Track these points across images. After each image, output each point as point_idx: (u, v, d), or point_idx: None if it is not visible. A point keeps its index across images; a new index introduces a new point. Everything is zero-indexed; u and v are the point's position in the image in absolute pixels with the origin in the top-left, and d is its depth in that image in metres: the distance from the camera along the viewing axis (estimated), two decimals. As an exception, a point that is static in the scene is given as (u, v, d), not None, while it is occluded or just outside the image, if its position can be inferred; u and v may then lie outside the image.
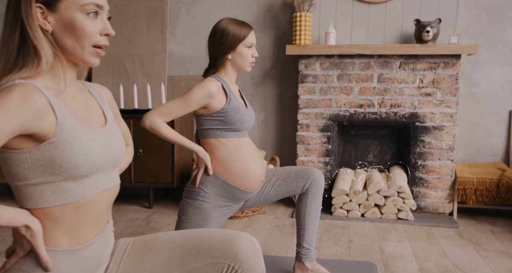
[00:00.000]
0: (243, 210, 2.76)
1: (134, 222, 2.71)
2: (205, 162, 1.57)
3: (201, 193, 1.57)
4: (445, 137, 2.77)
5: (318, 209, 1.75)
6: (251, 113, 1.66)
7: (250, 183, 1.60)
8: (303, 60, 2.91)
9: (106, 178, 0.89)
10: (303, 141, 2.96)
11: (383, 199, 2.72)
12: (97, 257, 0.90)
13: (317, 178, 1.72)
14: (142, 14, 3.29)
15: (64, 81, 0.86)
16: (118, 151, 0.91)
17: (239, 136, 1.60)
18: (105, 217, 0.92)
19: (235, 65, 1.62)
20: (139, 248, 0.96)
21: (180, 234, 0.96)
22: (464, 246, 2.28)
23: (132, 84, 3.26)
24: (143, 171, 2.98)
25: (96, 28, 0.85)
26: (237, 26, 1.58)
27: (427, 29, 2.63)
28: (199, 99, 1.53)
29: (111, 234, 0.97)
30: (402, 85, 2.80)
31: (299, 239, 1.77)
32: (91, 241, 0.87)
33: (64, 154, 0.79)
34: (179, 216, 1.60)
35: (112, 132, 0.92)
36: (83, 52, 0.84)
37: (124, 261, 0.94)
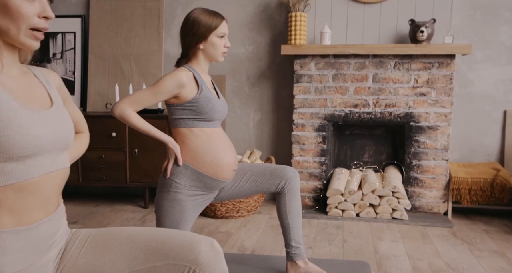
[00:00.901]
0: (238, 210, 2.77)
1: (129, 222, 2.71)
2: (175, 153, 1.57)
3: (173, 184, 1.57)
4: (439, 137, 2.78)
5: (298, 207, 1.77)
6: (223, 103, 1.67)
7: (222, 172, 1.60)
8: (298, 60, 2.91)
9: (53, 160, 0.89)
10: (298, 141, 2.97)
11: (378, 199, 2.72)
12: (47, 239, 0.90)
13: (291, 177, 1.73)
14: (138, 14, 3.29)
15: (1, 62, 0.85)
16: (64, 134, 0.91)
17: (210, 126, 1.61)
18: (54, 200, 0.92)
19: (207, 55, 1.62)
20: (101, 239, 0.96)
21: (144, 231, 0.97)
22: (457, 245, 2.28)
23: (128, 84, 3.26)
24: (139, 171, 2.98)
25: (33, 10, 0.83)
26: (209, 16, 1.59)
27: (422, 29, 2.64)
28: (170, 88, 1.54)
29: (62, 217, 0.97)
30: (397, 85, 2.81)
31: (286, 239, 1.78)
32: (39, 222, 0.87)
33: (2, 134, 0.78)
34: (156, 213, 1.60)
35: (58, 115, 0.92)
36: (18, 34, 0.83)
37: (84, 249, 0.95)
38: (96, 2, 3.33)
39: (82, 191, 3.52)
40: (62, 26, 3.38)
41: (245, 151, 3.24)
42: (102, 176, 3.02)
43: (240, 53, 3.23)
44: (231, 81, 3.26)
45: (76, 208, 3.04)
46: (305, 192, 2.99)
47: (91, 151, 3.01)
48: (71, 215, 2.88)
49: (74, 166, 3.03)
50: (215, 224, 2.67)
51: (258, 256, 2.11)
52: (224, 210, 2.76)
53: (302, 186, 2.99)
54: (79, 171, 3.04)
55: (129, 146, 2.98)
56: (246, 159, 3.02)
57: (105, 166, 3.01)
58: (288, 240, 1.78)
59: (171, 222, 1.57)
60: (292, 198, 1.75)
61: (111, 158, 3.00)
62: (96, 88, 3.33)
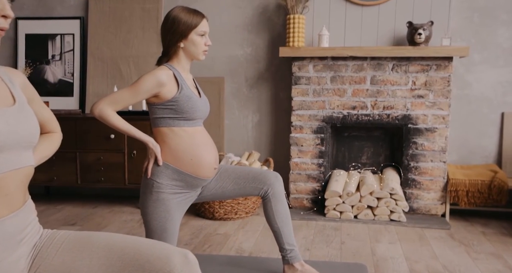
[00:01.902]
0: (236, 212, 2.77)
1: (128, 224, 2.72)
2: (155, 153, 1.57)
3: (155, 184, 1.57)
4: (437, 139, 2.78)
5: (285, 210, 1.77)
6: (204, 102, 1.66)
7: (202, 170, 1.61)
8: (297, 62, 2.92)
9: (16, 158, 0.88)
10: (296, 143, 2.97)
11: (376, 201, 2.73)
12: (15, 235, 0.90)
13: (273, 183, 1.73)
14: (137, 15, 3.30)
15: None
16: (28, 131, 0.91)
17: (191, 125, 1.61)
18: (19, 197, 0.92)
19: (187, 53, 1.62)
20: (79, 241, 0.97)
21: (123, 239, 0.98)
22: (455, 247, 2.29)
23: (127, 85, 3.26)
24: (137, 172, 2.98)
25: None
26: (189, 14, 1.59)
27: (419, 31, 2.64)
28: (149, 87, 1.53)
29: (30, 214, 0.97)
30: (394, 87, 2.81)
31: (279, 243, 1.78)
32: (4, 218, 0.87)
33: None
34: (142, 215, 1.60)
35: (21, 113, 0.91)
36: None
37: (62, 250, 0.95)
38: (95, 4, 3.34)
39: (81, 192, 3.52)
40: (61, 27, 3.38)
41: (243, 152, 3.24)
42: (100, 178, 3.03)
43: (239, 55, 3.23)
44: (229, 82, 3.27)
45: (75, 210, 3.04)
46: (303, 193, 3.00)
47: (90, 152, 3.02)
48: (70, 216, 2.89)
49: (73, 167, 3.04)
50: (213, 226, 2.67)
51: (255, 259, 2.11)
52: (223, 212, 2.77)
53: (300, 187, 3.00)
54: (78, 173, 3.05)
55: (127, 147, 2.98)
56: (244, 161, 3.02)
57: (104, 168, 3.01)
58: (281, 244, 1.78)
59: (158, 223, 1.57)
60: (277, 202, 1.75)
61: (110, 159, 3.01)
62: (95, 89, 3.34)
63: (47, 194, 3.50)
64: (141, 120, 2.85)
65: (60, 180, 3.08)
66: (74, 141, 3.01)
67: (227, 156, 3.10)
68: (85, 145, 3.01)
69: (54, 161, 2.98)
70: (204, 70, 3.26)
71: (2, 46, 3.45)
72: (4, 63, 3.46)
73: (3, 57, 3.46)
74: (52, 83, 3.40)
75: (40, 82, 3.39)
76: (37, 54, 3.41)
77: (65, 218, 2.86)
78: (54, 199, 3.35)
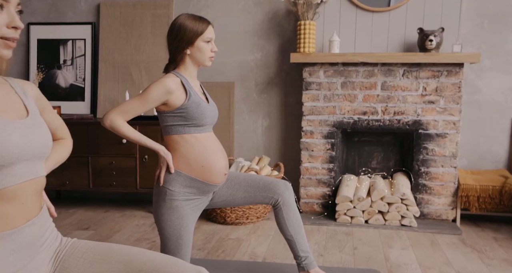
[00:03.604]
0: (247, 217, 2.79)
1: (140, 228, 2.74)
2: (167, 161, 1.59)
3: (168, 192, 1.59)
4: (448, 145, 2.79)
5: (297, 218, 1.78)
6: (213, 108, 1.68)
7: (213, 176, 1.63)
8: (307, 67, 2.94)
9: (30, 169, 0.91)
10: (307, 148, 2.99)
11: (387, 206, 2.74)
12: (34, 242, 0.93)
13: (283, 192, 1.75)
14: (148, 21, 3.33)
15: None
16: (41, 142, 0.93)
17: (201, 132, 1.63)
18: (35, 205, 0.94)
19: (194, 60, 1.64)
20: (100, 253, 0.99)
21: (140, 253, 1.00)
22: (467, 253, 2.30)
23: (138, 91, 3.29)
24: (149, 177, 3.00)
25: (1, 21, 0.85)
26: (195, 21, 1.61)
27: (430, 38, 2.66)
28: (158, 95, 1.55)
29: (46, 220, 0.99)
30: (405, 93, 2.83)
31: (294, 251, 1.80)
32: (23, 225, 0.89)
33: None
34: (157, 222, 1.62)
35: (34, 124, 0.94)
36: None
37: (83, 260, 0.98)
38: (106, 10, 3.37)
39: (92, 196, 3.55)
40: (72, 33, 3.42)
41: (253, 157, 3.26)
42: (112, 182, 3.05)
43: (249, 60, 3.26)
44: (239, 87, 3.29)
45: (87, 214, 3.06)
46: (314, 198, 3.02)
47: (102, 157, 3.04)
48: (82, 220, 2.91)
49: (85, 172, 3.07)
50: (225, 230, 2.69)
51: (270, 264, 2.13)
52: (234, 217, 2.78)
53: (311, 192, 3.02)
54: (90, 177, 3.07)
55: (139, 152, 3.01)
56: (254, 165, 3.04)
57: (116, 172, 3.04)
58: (296, 251, 1.79)
59: (173, 230, 1.59)
60: (288, 211, 1.76)
61: (121, 164, 3.03)
62: (106, 94, 3.36)
63: (58, 198, 3.53)
64: (149, 125, 2.88)
65: (72, 184, 3.10)
66: (86, 146, 3.04)
67: (237, 160, 3.11)
68: (97, 150, 3.03)
69: (66, 166, 3.01)
70: (214, 75, 3.28)
71: (14, 51, 3.48)
72: (16, 68, 3.50)
73: (16, 62, 3.50)
74: (63, 88, 3.43)
75: (51, 86, 3.42)
76: (48, 59, 3.44)
77: (78, 222, 2.88)
78: (65, 203, 3.37)
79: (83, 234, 2.62)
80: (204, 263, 2.04)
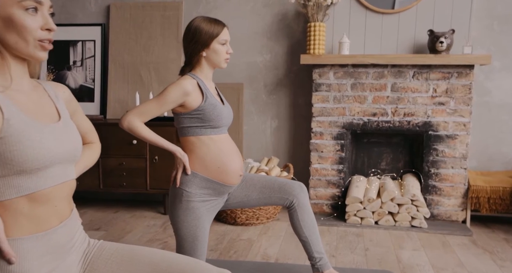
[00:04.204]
0: (258, 217, 2.80)
1: (151, 229, 2.75)
2: (183, 162, 1.60)
3: (184, 193, 1.60)
4: (458, 146, 2.80)
5: (312, 219, 1.79)
6: (228, 109, 1.70)
7: (229, 178, 1.64)
8: (317, 69, 2.95)
9: (62, 172, 0.92)
10: (316, 149, 3.00)
11: (397, 207, 2.75)
12: (65, 243, 0.94)
13: (298, 193, 1.76)
14: (157, 22, 3.34)
15: (10, 76, 0.88)
16: (72, 146, 0.94)
17: (218, 133, 1.64)
18: (66, 207, 0.95)
19: (210, 62, 1.65)
20: (126, 255, 1.01)
21: (167, 257, 1.01)
22: (479, 255, 2.31)
23: (147, 92, 3.30)
24: (159, 177, 3.02)
25: (36, 23, 0.86)
26: (210, 23, 1.62)
27: (441, 39, 2.67)
28: (175, 97, 1.57)
29: (76, 222, 1.01)
30: (415, 94, 2.84)
31: (308, 252, 1.81)
32: (56, 227, 0.91)
33: (14, 148, 0.81)
34: (173, 224, 1.63)
35: (66, 128, 0.95)
36: (27, 46, 0.86)
37: (110, 263, 0.99)
38: (116, 11, 3.38)
39: (102, 197, 3.56)
40: (82, 34, 3.43)
41: (262, 158, 3.27)
42: (122, 183, 3.07)
43: (258, 61, 3.27)
44: (248, 88, 3.30)
45: (97, 214, 3.08)
46: (323, 199, 3.03)
47: (112, 158, 3.06)
48: (93, 221, 2.93)
49: (95, 172, 3.08)
50: (235, 231, 2.70)
51: (283, 265, 2.14)
52: (244, 217, 2.80)
53: (320, 193, 3.02)
54: (100, 178, 3.09)
55: (149, 153, 3.02)
56: (264, 166, 3.05)
57: (126, 173, 3.05)
58: (310, 252, 1.81)
59: (189, 231, 1.61)
60: (303, 212, 1.78)
61: (132, 165, 3.04)
62: (116, 95, 3.38)
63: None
64: (163, 126, 2.89)
65: (82, 185, 3.12)
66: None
67: (247, 161, 3.13)
68: (107, 151, 3.05)
69: (77, 167, 3.02)
70: (223, 76, 3.29)
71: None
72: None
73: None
74: (73, 89, 3.45)
75: (61, 88, 3.43)
76: (58, 60, 3.46)
77: (89, 223, 2.89)
78: (76, 203, 3.36)
79: (95, 234, 2.63)
80: (217, 264, 2.05)
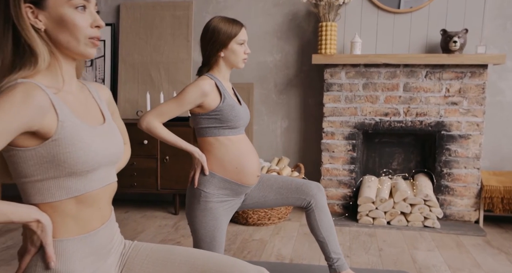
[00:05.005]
0: (269, 218, 2.80)
1: (163, 229, 2.75)
2: (201, 163, 1.60)
3: (202, 194, 1.60)
4: (471, 146, 2.79)
5: (329, 220, 1.79)
6: (245, 109, 1.69)
7: (246, 178, 1.64)
8: (329, 69, 2.94)
9: (108, 174, 0.93)
10: (328, 149, 2.99)
11: (410, 207, 2.74)
12: (107, 244, 0.95)
13: (315, 194, 1.75)
14: (167, 22, 3.34)
15: (62, 78, 0.88)
16: (117, 148, 0.95)
17: (235, 133, 1.64)
18: (108, 209, 0.96)
19: (228, 62, 1.65)
20: (162, 255, 1.01)
21: (201, 255, 1.01)
22: (495, 255, 2.30)
23: (157, 92, 3.30)
24: (170, 177, 3.01)
25: (86, 21, 0.86)
26: (228, 24, 1.62)
27: (455, 39, 2.65)
28: (193, 98, 1.56)
29: (115, 223, 1.02)
30: (428, 94, 2.83)
31: (325, 252, 1.80)
32: (98, 229, 0.92)
33: (67, 150, 0.82)
34: (190, 224, 1.63)
35: (110, 130, 0.95)
36: (78, 45, 0.86)
37: (146, 263, 0.99)
38: (126, 11, 3.38)
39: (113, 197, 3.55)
40: (92, 34, 3.43)
41: (272, 158, 3.27)
42: (133, 183, 3.06)
43: (268, 61, 3.26)
44: (258, 88, 3.29)
45: (108, 214, 3.08)
46: (335, 199, 3.02)
47: (123, 158, 3.05)
48: (104, 221, 2.93)
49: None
50: (247, 231, 2.70)
51: (298, 265, 2.13)
52: (256, 218, 2.79)
53: (332, 193, 3.02)
54: (111, 178, 3.08)
55: (160, 153, 3.02)
56: (274, 166, 3.04)
57: (137, 173, 3.05)
58: (328, 253, 1.80)
59: (207, 231, 1.60)
60: (320, 213, 1.77)
61: (143, 165, 3.04)
62: (126, 95, 3.38)
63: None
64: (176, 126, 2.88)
65: (93, 185, 3.11)
66: (107, 147, 3.05)
67: (258, 161, 3.12)
68: (118, 151, 3.04)
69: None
70: (233, 76, 3.29)
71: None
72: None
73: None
74: (83, 89, 3.45)
75: (71, 88, 3.43)
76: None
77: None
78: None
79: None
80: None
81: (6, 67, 0.82)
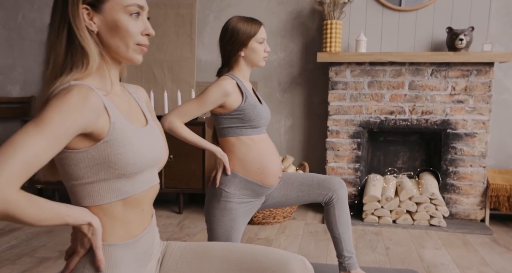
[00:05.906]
0: (274, 216, 2.78)
1: (167, 228, 2.73)
2: (223, 162, 1.59)
3: (223, 194, 1.59)
4: (477, 144, 2.78)
5: (347, 217, 1.77)
6: (266, 109, 1.68)
7: (268, 179, 1.62)
8: (334, 67, 2.93)
9: (152, 176, 0.93)
10: (333, 148, 2.98)
11: (415, 206, 2.73)
12: (148, 249, 0.94)
13: (338, 189, 1.74)
14: (171, 20, 3.32)
15: (110, 80, 0.89)
16: (160, 149, 0.95)
17: (257, 133, 1.63)
18: (150, 212, 0.96)
19: (248, 61, 1.64)
20: (195, 253, 0.99)
21: (236, 247, 1.00)
22: (503, 253, 2.28)
23: (161, 90, 3.29)
24: (174, 176, 3.00)
25: (138, 28, 0.87)
26: (247, 23, 1.61)
27: (461, 37, 2.64)
28: (215, 98, 1.55)
29: (156, 228, 1.01)
30: (433, 92, 2.81)
31: (338, 249, 1.78)
32: (142, 234, 0.91)
33: (118, 152, 0.82)
34: (208, 222, 1.62)
35: (153, 131, 0.96)
36: (127, 50, 0.87)
37: (181, 263, 0.98)
38: (129, 9, 3.37)
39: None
40: (95, 32, 3.41)
41: (277, 157, 3.25)
42: (137, 182, 3.05)
43: (272, 59, 3.25)
44: (262, 87, 3.28)
45: (112, 214, 3.06)
46: (340, 198, 3.00)
47: (127, 157, 3.04)
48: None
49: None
50: (253, 230, 2.69)
51: (305, 264, 2.12)
52: (261, 217, 2.78)
53: (337, 192, 3.00)
54: (115, 177, 3.07)
55: (164, 152, 3.00)
56: (279, 165, 3.03)
57: (141, 172, 3.03)
58: (340, 250, 1.78)
59: (223, 231, 1.59)
60: (340, 208, 1.75)
61: (147, 164, 3.02)
62: (129, 94, 3.36)
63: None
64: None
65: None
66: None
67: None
68: (122, 150, 3.03)
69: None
70: (238, 74, 3.27)
71: (39, 52, 3.49)
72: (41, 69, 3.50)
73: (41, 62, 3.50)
74: (86, 88, 3.43)
75: (74, 86, 3.42)
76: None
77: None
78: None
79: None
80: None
81: (58, 66, 0.83)
